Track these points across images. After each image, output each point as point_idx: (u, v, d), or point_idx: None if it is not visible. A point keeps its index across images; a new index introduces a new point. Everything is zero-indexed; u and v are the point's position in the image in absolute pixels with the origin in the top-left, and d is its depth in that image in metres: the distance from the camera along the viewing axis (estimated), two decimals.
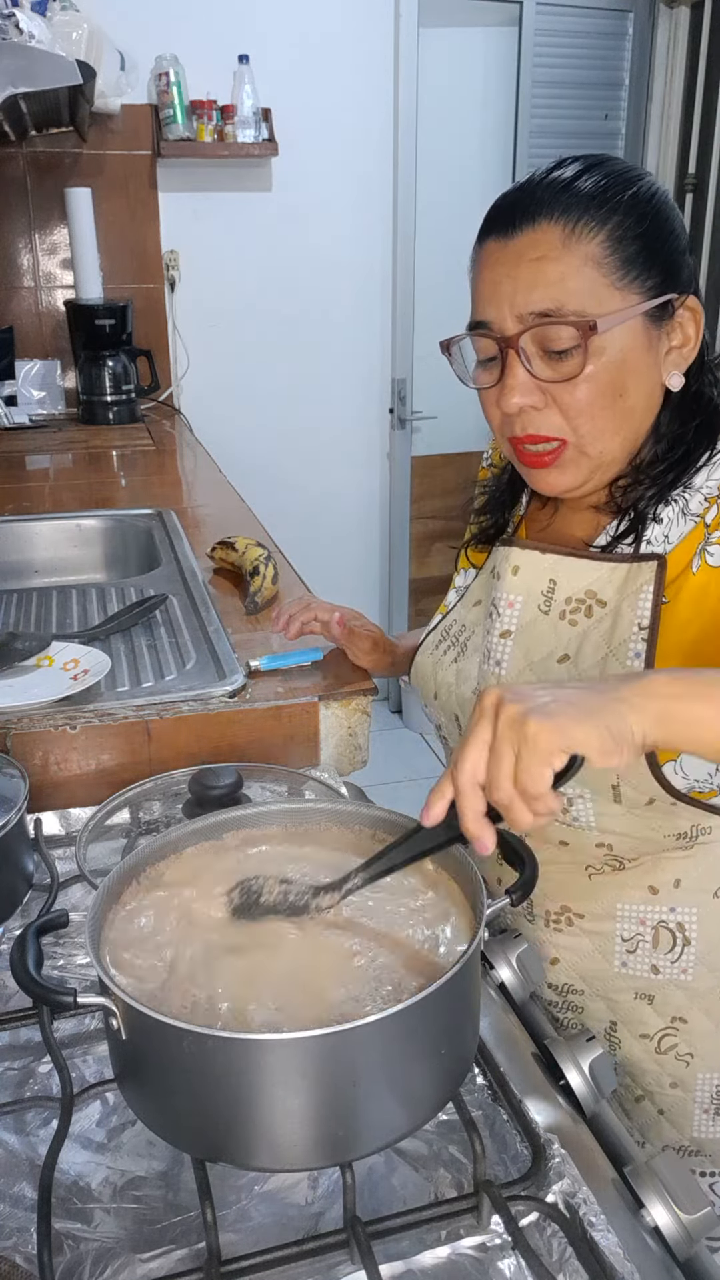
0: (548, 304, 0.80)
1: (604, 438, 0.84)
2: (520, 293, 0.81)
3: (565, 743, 0.59)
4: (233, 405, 3.27)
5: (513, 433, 0.86)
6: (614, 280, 0.80)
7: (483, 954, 0.81)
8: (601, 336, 0.80)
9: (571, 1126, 0.68)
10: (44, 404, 3.08)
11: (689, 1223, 0.61)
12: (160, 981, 0.64)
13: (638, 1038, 0.95)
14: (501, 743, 0.60)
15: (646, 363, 0.83)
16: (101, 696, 1.14)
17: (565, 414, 0.83)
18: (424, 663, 1.05)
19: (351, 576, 3.62)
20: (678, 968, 0.92)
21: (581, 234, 0.80)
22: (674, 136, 3.41)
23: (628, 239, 0.81)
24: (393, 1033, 0.58)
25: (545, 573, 0.91)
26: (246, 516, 1.96)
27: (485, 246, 0.84)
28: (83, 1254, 0.60)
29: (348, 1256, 0.59)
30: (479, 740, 0.62)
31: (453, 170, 3.35)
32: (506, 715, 0.61)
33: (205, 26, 2.91)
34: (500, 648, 0.94)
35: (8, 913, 0.89)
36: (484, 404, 0.89)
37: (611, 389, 0.82)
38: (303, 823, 0.80)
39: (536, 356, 0.82)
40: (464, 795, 0.62)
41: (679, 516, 0.85)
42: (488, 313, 0.84)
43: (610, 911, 0.92)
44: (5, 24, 1.99)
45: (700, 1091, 0.94)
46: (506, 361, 0.83)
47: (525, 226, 0.81)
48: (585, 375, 0.81)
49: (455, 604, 1.05)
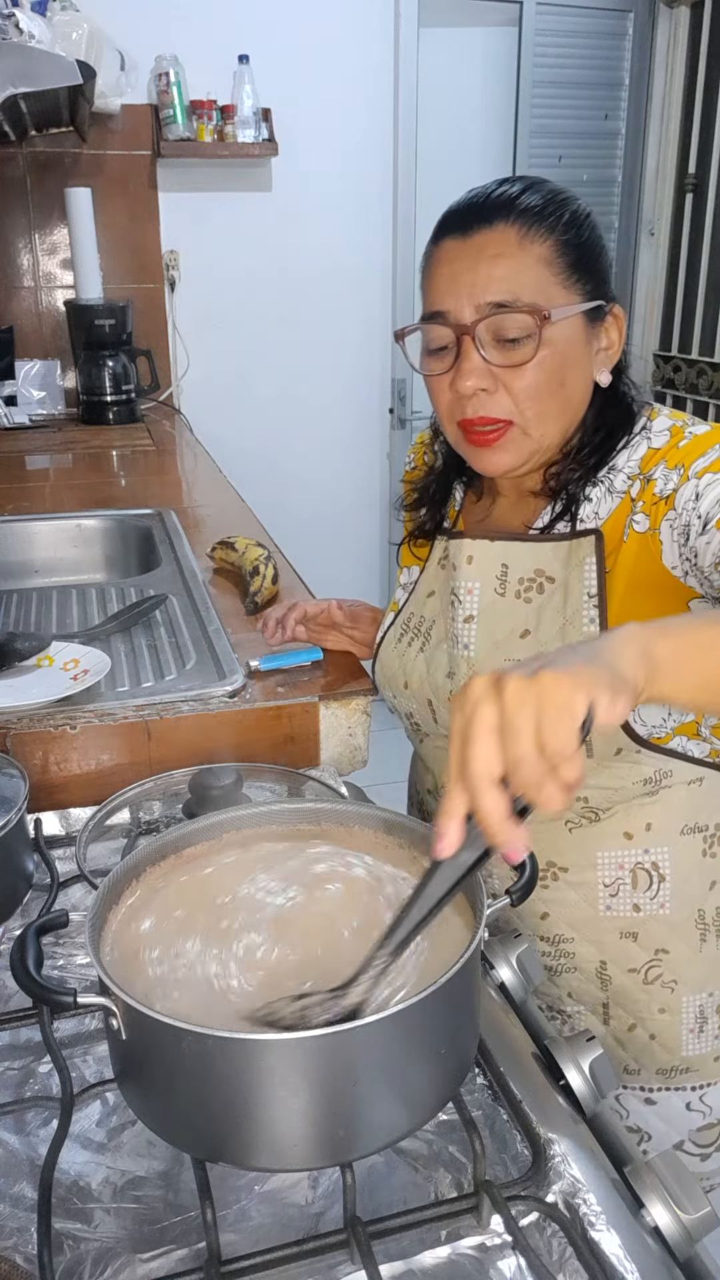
0: (504, 295, 0.89)
1: (546, 422, 0.93)
2: (479, 284, 0.89)
3: (584, 687, 0.55)
4: (233, 405, 3.27)
5: (463, 415, 0.93)
6: (560, 280, 0.90)
7: (483, 954, 0.81)
8: (551, 328, 0.89)
9: (571, 1126, 0.67)
10: (44, 404, 3.08)
11: (689, 1223, 0.61)
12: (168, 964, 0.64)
13: (626, 972, 1.02)
14: (515, 713, 0.55)
15: (583, 358, 0.93)
16: (101, 696, 1.14)
17: (514, 397, 0.91)
18: (388, 657, 1.11)
19: (351, 576, 3.62)
20: (656, 903, 1.00)
21: (534, 238, 0.89)
22: (674, 136, 3.41)
23: (570, 247, 0.91)
24: (393, 1033, 0.57)
25: (496, 558, 0.99)
26: (246, 516, 1.96)
27: (442, 245, 0.93)
28: (83, 1254, 0.60)
29: (348, 1256, 0.59)
30: (484, 728, 0.55)
31: (452, 170, 3.34)
32: (514, 683, 0.55)
33: (205, 26, 2.91)
34: (466, 632, 1.01)
35: (8, 913, 0.89)
36: (433, 390, 0.96)
37: (555, 377, 0.91)
38: (303, 822, 0.80)
39: (490, 344, 0.90)
40: (483, 796, 0.55)
41: (606, 494, 0.94)
42: (445, 303, 0.91)
43: (591, 861, 1.00)
44: (5, 24, 1.99)
45: (686, 1013, 1.03)
46: (462, 348, 0.91)
47: (482, 227, 0.90)
48: (535, 362, 0.89)
49: (406, 599, 1.12)
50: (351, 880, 0.73)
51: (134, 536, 1.92)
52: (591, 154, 3.45)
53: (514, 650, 0.97)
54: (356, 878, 0.74)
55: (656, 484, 0.90)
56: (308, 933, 0.69)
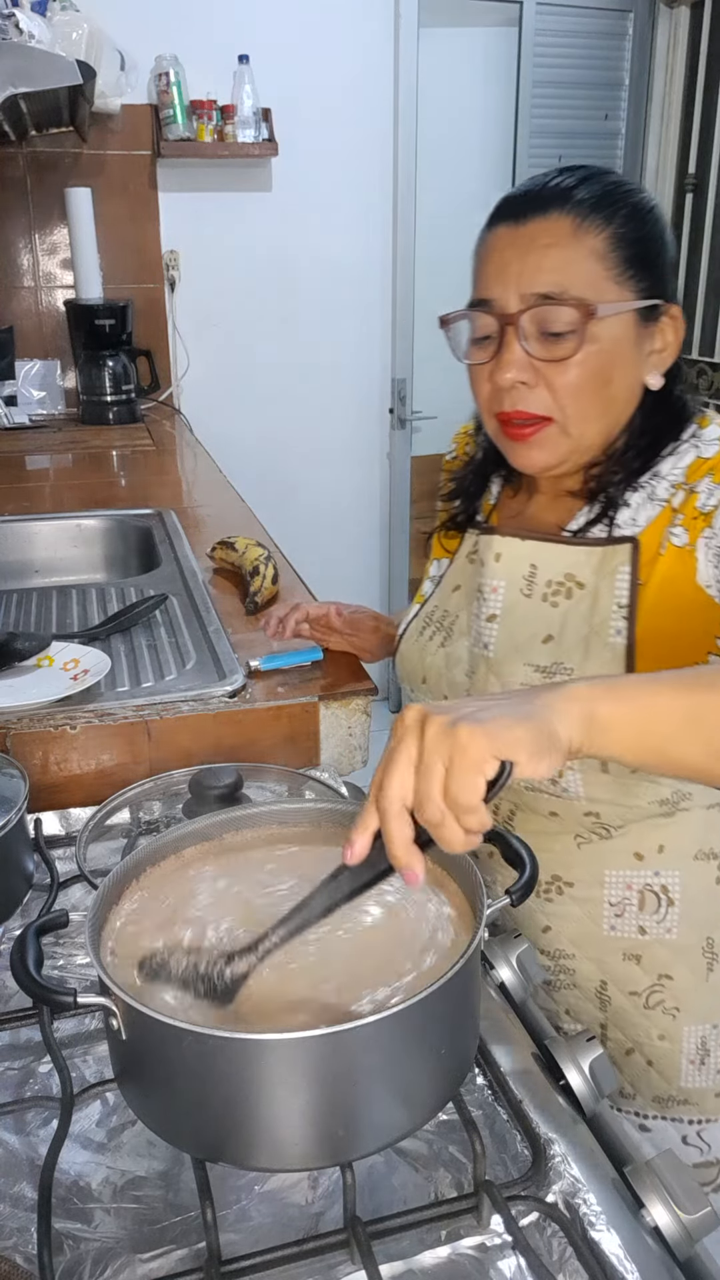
0: (551, 287, 0.86)
1: (586, 421, 0.89)
2: (527, 274, 0.86)
3: (497, 747, 0.56)
4: (233, 405, 3.27)
5: (500, 408, 0.91)
6: (613, 275, 0.87)
7: (483, 954, 0.81)
8: (597, 324, 0.86)
9: (571, 1126, 0.67)
10: (44, 404, 3.08)
11: (689, 1223, 0.61)
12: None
13: (627, 995, 0.99)
14: (430, 755, 0.57)
15: (632, 358, 0.89)
16: (101, 696, 1.14)
17: (554, 393, 0.88)
18: (409, 650, 1.08)
19: (351, 576, 3.62)
20: (663, 927, 0.97)
21: (589, 229, 0.86)
22: (674, 136, 3.41)
23: (628, 241, 0.87)
24: (393, 1033, 0.57)
25: (525, 558, 0.96)
26: (246, 516, 1.96)
27: (495, 231, 0.90)
28: (83, 1254, 0.60)
29: (348, 1256, 0.59)
30: (404, 759, 0.58)
31: (453, 170, 3.35)
32: (435, 726, 0.58)
33: (205, 26, 2.91)
34: (488, 631, 0.98)
35: (8, 913, 0.89)
36: (474, 380, 0.94)
37: (599, 376, 0.88)
38: (302, 823, 0.80)
39: (533, 336, 0.87)
40: (391, 820, 0.58)
41: (646, 501, 0.91)
42: (492, 291, 0.89)
43: (599, 879, 0.97)
44: (5, 24, 1.99)
45: (686, 1043, 0.99)
46: (504, 338, 0.88)
47: (537, 215, 0.87)
48: (578, 358, 0.86)
49: (433, 591, 1.10)
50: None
51: (134, 536, 1.92)
52: (591, 154, 3.45)
53: (534, 654, 0.94)
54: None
55: (699, 497, 0.87)
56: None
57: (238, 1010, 0.62)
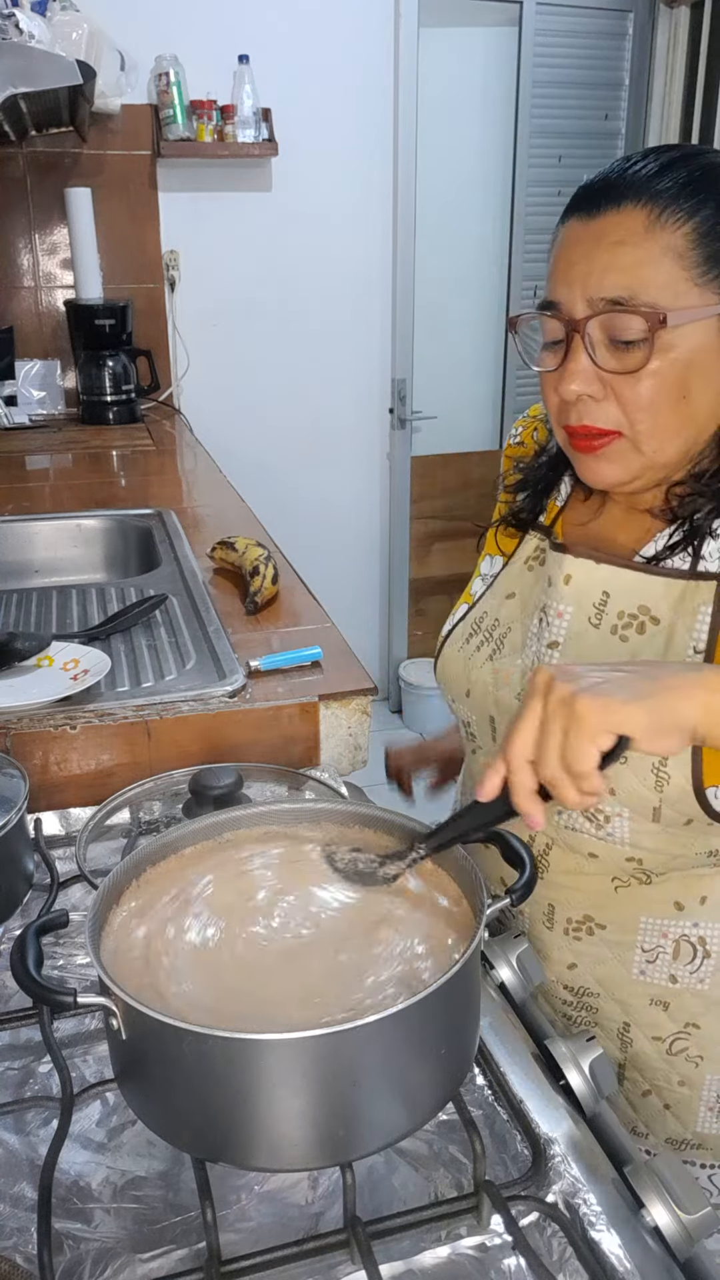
0: (620, 291, 0.77)
1: (661, 437, 0.81)
2: (594, 276, 0.78)
3: (612, 722, 0.60)
4: (233, 405, 3.27)
5: (567, 421, 0.83)
6: (694, 275, 0.77)
7: (483, 954, 0.81)
8: (671, 332, 0.77)
9: (571, 1126, 0.68)
10: (44, 404, 3.08)
11: (689, 1223, 0.61)
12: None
13: (650, 1039, 0.95)
14: (551, 720, 0.61)
15: (716, 368, 0.80)
16: (101, 696, 1.14)
17: (624, 407, 0.80)
18: (453, 657, 1.01)
19: (351, 576, 3.62)
20: (695, 977, 0.92)
21: (666, 222, 0.77)
22: (674, 137, 3.40)
23: (715, 235, 0.77)
24: (393, 1033, 0.57)
25: (599, 584, 0.88)
26: (246, 516, 1.96)
27: (567, 225, 0.82)
28: (83, 1254, 0.60)
29: (348, 1256, 0.59)
30: (531, 718, 0.63)
31: (453, 170, 3.35)
32: (557, 694, 0.61)
33: (205, 26, 2.91)
34: (547, 658, 0.91)
35: (8, 913, 0.89)
36: (544, 387, 0.86)
37: (676, 389, 0.79)
38: (302, 822, 0.80)
39: (602, 345, 0.79)
40: (514, 772, 0.63)
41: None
42: (559, 293, 0.81)
43: (633, 924, 0.92)
44: (5, 24, 1.99)
45: (707, 1090, 0.95)
46: (571, 346, 0.80)
47: (609, 209, 0.78)
48: (649, 370, 0.78)
49: (483, 593, 1.01)
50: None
51: (134, 536, 1.92)
52: (591, 154, 3.45)
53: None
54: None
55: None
56: (305, 932, 0.69)
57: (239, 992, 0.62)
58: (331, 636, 1.32)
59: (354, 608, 3.49)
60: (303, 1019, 0.60)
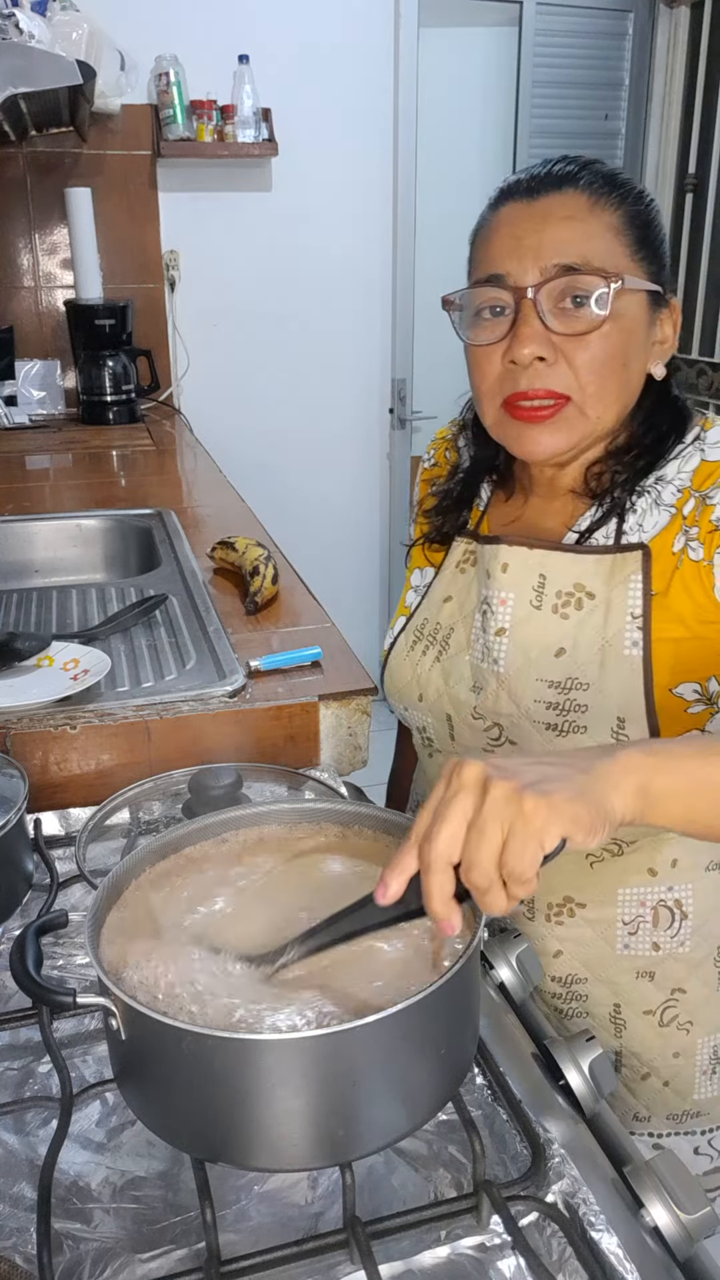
0: (574, 258, 0.83)
1: (605, 402, 0.86)
2: (546, 246, 0.84)
3: (561, 824, 0.56)
4: (233, 405, 3.27)
5: (515, 388, 0.86)
6: (629, 253, 0.85)
7: (482, 954, 0.81)
8: (620, 299, 0.84)
9: (571, 1126, 0.67)
10: (44, 404, 3.08)
11: (689, 1223, 0.61)
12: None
13: (641, 1015, 0.97)
14: (489, 820, 0.56)
15: (644, 342, 0.88)
16: (101, 696, 1.14)
17: (575, 370, 0.85)
18: (401, 666, 1.04)
19: (351, 576, 3.62)
20: (676, 941, 0.96)
21: (605, 205, 0.85)
22: (674, 136, 3.41)
23: (638, 223, 0.86)
24: (393, 1033, 0.57)
25: (534, 568, 0.93)
26: (246, 516, 1.96)
27: (505, 207, 0.88)
28: (82, 1254, 0.60)
29: (347, 1256, 0.59)
30: (458, 816, 0.57)
31: (453, 170, 3.35)
32: (498, 792, 0.56)
33: (205, 26, 2.91)
34: (497, 645, 0.94)
35: (8, 913, 0.89)
36: (479, 362, 0.89)
37: (619, 355, 0.85)
38: (302, 822, 0.80)
39: (551, 311, 0.84)
40: (434, 873, 0.57)
41: (652, 506, 0.89)
42: (506, 265, 0.85)
43: (611, 898, 0.95)
44: (5, 24, 1.99)
45: (700, 1055, 0.99)
46: (520, 314, 0.85)
47: (551, 191, 0.86)
48: (602, 332, 0.84)
49: (419, 603, 1.06)
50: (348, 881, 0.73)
51: (134, 536, 1.92)
52: (591, 154, 3.44)
53: (547, 669, 0.91)
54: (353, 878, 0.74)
55: (715, 509, 0.85)
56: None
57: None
58: (331, 636, 1.32)
59: (354, 608, 3.49)
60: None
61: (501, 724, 0.94)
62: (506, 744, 0.95)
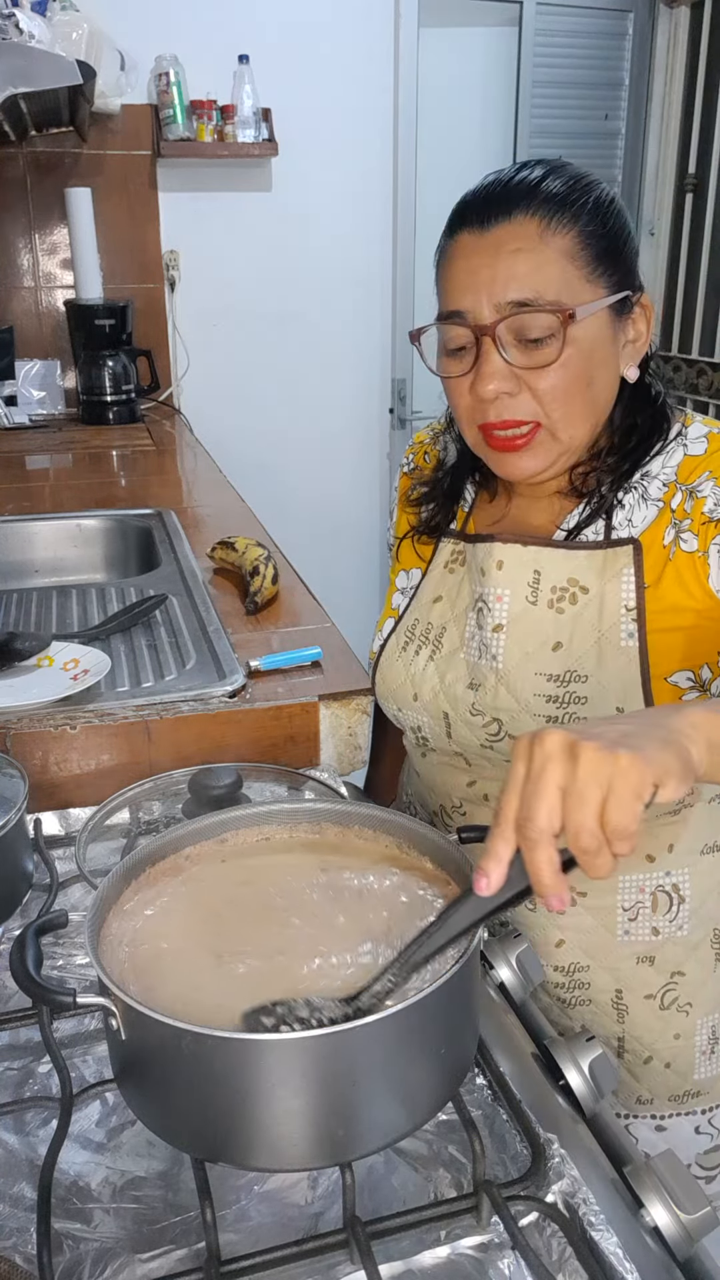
0: (526, 294, 0.84)
1: (574, 423, 0.88)
2: (499, 282, 0.84)
3: (656, 774, 0.56)
4: (233, 405, 3.27)
5: (485, 419, 0.89)
6: (585, 274, 0.85)
7: (483, 954, 0.81)
8: (575, 326, 0.84)
9: (571, 1126, 0.67)
10: (44, 404, 3.08)
11: (689, 1223, 0.61)
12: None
13: (642, 999, 0.99)
14: (588, 784, 0.56)
15: (610, 354, 0.89)
16: (101, 696, 1.14)
17: (539, 399, 0.86)
18: (393, 667, 1.05)
19: (351, 576, 3.62)
20: (674, 925, 0.98)
21: (556, 229, 0.84)
22: (674, 136, 3.41)
23: (596, 237, 0.86)
24: (393, 1033, 0.57)
25: (528, 564, 0.94)
26: (246, 516, 1.96)
27: (458, 239, 0.88)
28: (82, 1254, 0.60)
29: (347, 1256, 0.59)
30: (550, 785, 0.56)
31: (453, 170, 3.34)
32: (590, 752, 0.56)
33: (205, 26, 2.91)
34: (495, 642, 0.95)
35: (8, 913, 0.89)
36: (451, 392, 0.92)
37: (582, 377, 0.86)
38: (302, 822, 0.80)
39: (511, 345, 0.85)
40: (540, 848, 0.56)
41: (639, 501, 0.90)
42: (464, 302, 0.86)
43: (611, 885, 0.96)
44: (5, 24, 1.99)
45: (699, 1036, 1.01)
46: (482, 350, 0.86)
47: (501, 219, 0.85)
48: (560, 362, 0.85)
49: (407, 604, 1.07)
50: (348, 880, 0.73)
51: (134, 536, 1.92)
52: (591, 154, 3.45)
53: (545, 663, 0.92)
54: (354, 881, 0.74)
55: (706, 502, 0.86)
56: (304, 932, 0.69)
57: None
58: (331, 636, 1.33)
59: (354, 608, 3.48)
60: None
61: (501, 719, 0.95)
62: (506, 738, 0.95)
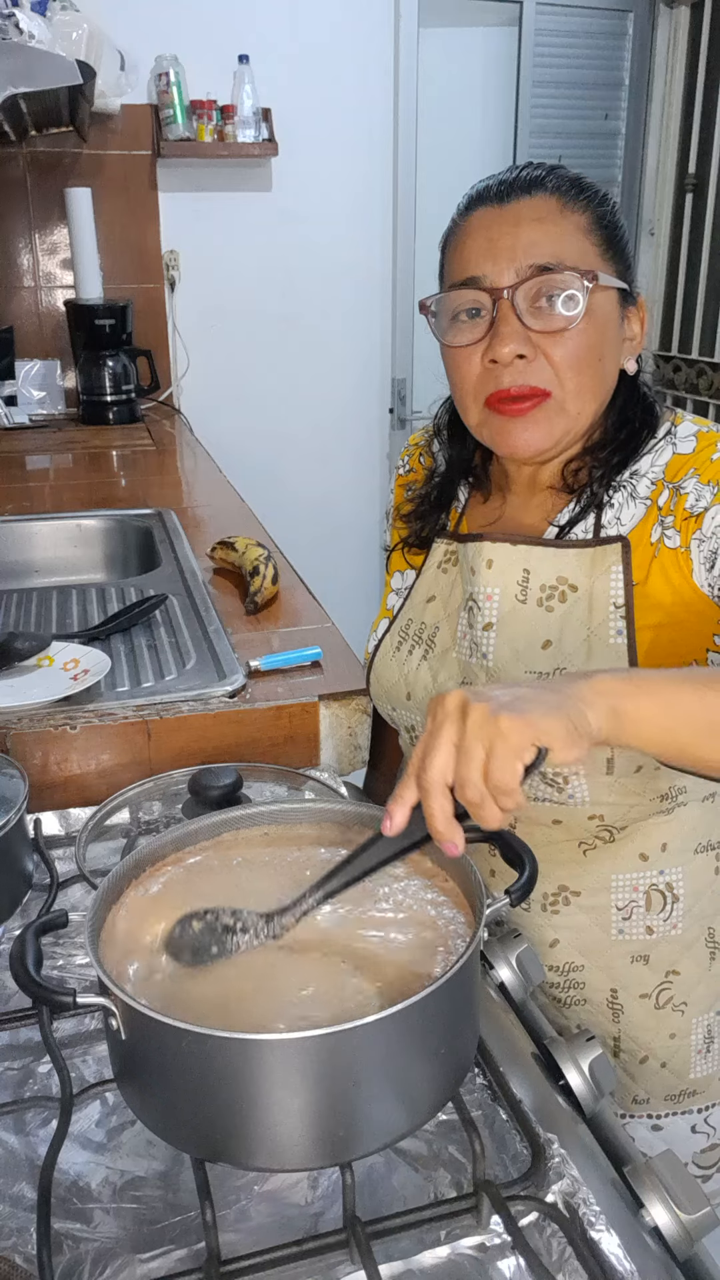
0: (548, 258, 0.86)
1: (584, 397, 0.89)
2: (521, 247, 0.86)
3: (535, 735, 0.61)
4: (233, 405, 3.27)
5: (498, 385, 0.88)
6: (599, 252, 0.88)
7: (482, 954, 0.81)
8: (595, 295, 0.86)
9: (571, 1126, 0.67)
10: (44, 404, 3.08)
11: (689, 1223, 0.61)
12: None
13: (638, 998, 0.99)
14: (472, 741, 0.61)
15: (617, 338, 0.91)
16: (101, 696, 1.14)
17: (554, 366, 0.87)
18: (387, 666, 1.05)
19: (351, 576, 3.61)
20: (669, 924, 0.98)
21: (574, 207, 0.88)
22: (674, 136, 3.40)
23: (605, 225, 0.89)
24: (393, 1033, 0.57)
25: (518, 563, 0.95)
26: (246, 516, 1.97)
27: (476, 213, 0.90)
28: (82, 1254, 0.60)
29: (347, 1256, 0.59)
30: (445, 741, 0.62)
31: (453, 170, 3.34)
32: (476, 714, 0.62)
33: (205, 26, 2.91)
34: (485, 640, 0.96)
35: (8, 913, 0.89)
36: (459, 363, 0.91)
37: (595, 350, 0.88)
38: (302, 822, 0.80)
39: (528, 310, 0.86)
40: (433, 796, 0.62)
41: (628, 500, 0.91)
42: (482, 267, 0.88)
43: (605, 884, 0.97)
44: (5, 24, 1.99)
45: (695, 1035, 1.01)
46: (499, 313, 0.87)
47: (522, 195, 0.88)
48: (578, 329, 0.86)
49: (401, 605, 1.07)
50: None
51: (134, 536, 1.92)
52: (591, 154, 3.45)
53: (535, 661, 0.93)
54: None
55: (689, 498, 0.87)
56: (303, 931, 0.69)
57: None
58: (331, 636, 1.33)
59: (354, 608, 3.48)
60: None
61: None
62: None
